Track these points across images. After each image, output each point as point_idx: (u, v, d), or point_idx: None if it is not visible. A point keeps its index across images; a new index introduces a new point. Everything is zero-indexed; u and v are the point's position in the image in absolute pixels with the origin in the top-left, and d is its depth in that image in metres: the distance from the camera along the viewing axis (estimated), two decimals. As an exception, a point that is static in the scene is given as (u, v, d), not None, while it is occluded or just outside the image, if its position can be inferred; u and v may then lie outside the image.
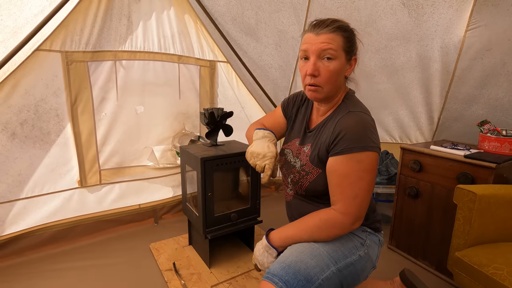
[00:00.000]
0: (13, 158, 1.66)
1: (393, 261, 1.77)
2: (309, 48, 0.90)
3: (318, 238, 0.92)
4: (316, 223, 0.92)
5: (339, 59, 0.90)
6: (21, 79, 1.61)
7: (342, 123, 0.90)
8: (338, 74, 0.92)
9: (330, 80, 0.91)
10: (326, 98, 0.97)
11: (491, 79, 1.67)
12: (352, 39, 0.94)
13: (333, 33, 0.89)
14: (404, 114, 2.15)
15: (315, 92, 0.93)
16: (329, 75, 0.90)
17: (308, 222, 0.94)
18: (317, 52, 0.89)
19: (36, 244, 1.80)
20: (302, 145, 1.04)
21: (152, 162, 2.15)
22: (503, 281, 1.03)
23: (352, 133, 0.87)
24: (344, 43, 0.90)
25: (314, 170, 0.96)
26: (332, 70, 0.90)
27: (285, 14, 2.04)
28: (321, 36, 0.88)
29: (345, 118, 0.91)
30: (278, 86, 2.52)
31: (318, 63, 0.90)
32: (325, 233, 0.91)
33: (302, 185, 0.99)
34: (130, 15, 1.88)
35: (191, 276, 1.57)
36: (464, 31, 1.63)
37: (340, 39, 0.89)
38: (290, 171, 1.04)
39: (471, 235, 1.22)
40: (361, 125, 0.89)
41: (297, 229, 0.95)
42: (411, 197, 1.73)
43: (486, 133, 1.60)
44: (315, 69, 0.90)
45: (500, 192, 1.24)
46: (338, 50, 0.89)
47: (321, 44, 0.88)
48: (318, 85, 0.92)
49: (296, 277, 0.83)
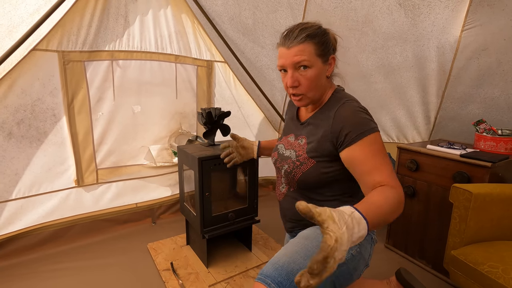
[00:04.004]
0: (10, 157, 1.66)
1: (390, 260, 1.78)
2: (284, 63, 0.95)
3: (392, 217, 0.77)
4: (390, 202, 0.76)
5: (315, 66, 0.94)
6: (18, 79, 1.60)
7: (342, 114, 0.92)
8: (317, 79, 0.96)
9: (311, 87, 0.95)
10: (312, 102, 1.01)
11: (487, 79, 1.68)
12: (325, 41, 0.96)
13: (303, 44, 0.92)
14: (401, 113, 2.16)
15: (300, 101, 0.99)
16: (308, 83, 0.95)
17: (384, 200, 0.77)
18: (292, 65, 0.94)
19: (33, 244, 1.79)
20: (296, 138, 1.07)
21: (149, 161, 2.15)
22: (498, 279, 1.04)
23: (355, 120, 0.90)
24: (316, 49, 0.93)
25: (308, 161, 0.98)
26: (310, 77, 0.94)
27: (282, 15, 2.04)
28: (292, 49, 0.92)
29: (342, 109, 0.93)
30: (275, 87, 2.52)
31: (295, 74, 0.95)
32: (397, 212, 0.78)
33: (295, 175, 1.00)
34: (127, 14, 1.88)
35: (188, 276, 1.57)
36: (460, 31, 1.64)
37: (311, 47, 0.92)
38: (285, 161, 1.06)
39: (467, 233, 1.23)
40: (359, 112, 0.92)
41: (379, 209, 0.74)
42: (408, 196, 1.74)
43: (482, 133, 1.61)
44: (294, 80, 0.95)
45: (496, 191, 1.25)
46: (311, 59, 0.93)
47: (294, 57, 0.92)
48: (301, 93, 0.97)
49: (289, 278, 0.83)
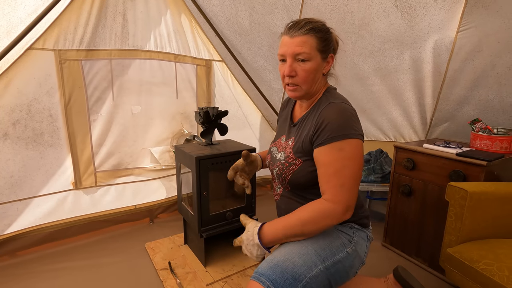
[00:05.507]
0: (5, 159, 1.64)
1: (387, 258, 1.79)
2: (286, 51, 0.96)
3: (310, 230, 0.90)
4: (308, 214, 0.90)
5: (314, 60, 0.95)
6: (14, 78, 1.59)
7: (324, 113, 0.94)
8: (314, 73, 0.97)
9: (307, 79, 0.97)
10: (305, 95, 1.02)
11: (482, 81, 1.70)
12: (327, 38, 0.97)
13: (306, 35, 0.93)
14: (397, 114, 2.17)
15: (294, 91, 1.00)
16: (305, 74, 0.96)
17: (300, 214, 0.91)
18: (292, 54, 0.95)
19: (30, 245, 1.78)
20: (287, 140, 1.08)
21: (153, 163, 2.13)
22: (493, 276, 1.05)
23: (333, 122, 0.90)
24: (318, 44, 0.95)
25: (296, 161, 0.99)
26: (308, 70, 0.95)
27: (278, 16, 2.04)
28: (295, 39, 0.94)
29: (326, 109, 0.95)
30: (272, 88, 2.52)
31: (294, 64, 0.96)
32: (318, 224, 0.89)
33: (285, 177, 1.01)
34: (125, 13, 1.87)
35: (186, 275, 1.57)
36: (455, 32, 1.66)
37: (313, 40, 0.94)
38: (276, 164, 1.07)
39: (463, 231, 1.25)
40: (342, 114, 0.92)
41: (288, 222, 0.92)
42: (404, 195, 1.75)
43: (478, 131, 1.63)
44: (292, 70, 0.96)
45: (491, 189, 1.27)
46: (312, 52, 0.94)
47: (296, 47, 0.94)
48: (296, 84, 0.98)
49: (283, 276, 0.84)
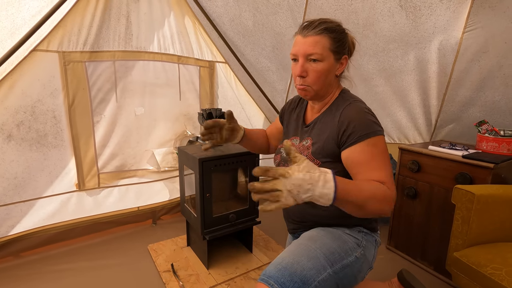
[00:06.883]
0: (9, 160, 1.64)
1: (392, 262, 1.77)
2: (298, 51, 0.94)
3: (371, 207, 0.79)
4: (379, 192, 0.81)
5: (326, 60, 0.93)
6: (18, 80, 1.60)
7: (347, 113, 0.93)
8: (326, 74, 0.95)
9: (318, 80, 0.95)
10: (317, 96, 1.00)
11: (488, 82, 1.67)
12: (342, 39, 0.96)
13: (320, 35, 0.92)
14: (402, 115, 2.15)
15: (305, 91, 0.98)
16: (317, 75, 0.94)
17: (371, 187, 0.82)
18: (304, 54, 0.93)
19: (34, 246, 1.78)
20: (301, 141, 1.06)
21: (153, 166, 2.13)
22: (502, 281, 1.03)
23: (360, 121, 0.90)
24: (331, 44, 0.93)
25: (314, 162, 0.96)
26: (320, 70, 0.94)
27: (282, 17, 2.04)
28: (308, 38, 0.92)
29: (348, 109, 0.94)
30: (276, 89, 2.51)
31: (306, 65, 0.94)
32: (379, 205, 0.80)
33: None
34: (129, 14, 1.88)
35: (189, 277, 1.56)
36: (461, 32, 1.64)
37: (326, 40, 0.92)
38: (289, 164, 1.03)
39: (470, 235, 1.23)
40: (364, 113, 0.92)
41: (361, 186, 0.81)
42: (409, 198, 1.73)
43: (484, 133, 1.60)
44: (303, 70, 0.94)
45: (498, 192, 1.24)
46: (324, 52, 0.92)
47: (308, 47, 0.92)
48: (307, 85, 0.96)
49: (292, 279, 0.83)
